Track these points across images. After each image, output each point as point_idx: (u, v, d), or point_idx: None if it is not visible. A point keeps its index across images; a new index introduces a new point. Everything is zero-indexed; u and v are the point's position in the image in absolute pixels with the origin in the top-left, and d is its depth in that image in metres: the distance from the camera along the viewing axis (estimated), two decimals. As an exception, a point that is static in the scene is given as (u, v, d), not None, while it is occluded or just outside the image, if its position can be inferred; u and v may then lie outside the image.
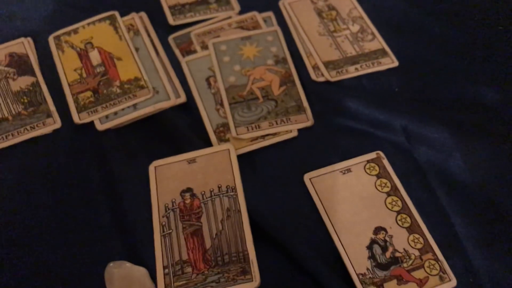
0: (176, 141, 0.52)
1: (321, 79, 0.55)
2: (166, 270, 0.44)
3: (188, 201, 0.47)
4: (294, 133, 0.52)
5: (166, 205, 0.47)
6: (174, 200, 0.47)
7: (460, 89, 0.55)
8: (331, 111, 0.53)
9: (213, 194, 0.47)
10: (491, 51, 0.58)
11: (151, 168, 0.49)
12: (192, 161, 0.49)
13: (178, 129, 0.52)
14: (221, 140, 0.51)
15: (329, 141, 0.51)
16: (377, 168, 0.49)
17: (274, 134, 0.51)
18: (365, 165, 0.49)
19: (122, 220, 0.48)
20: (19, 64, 0.57)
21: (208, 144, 0.51)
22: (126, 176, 0.50)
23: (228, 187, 0.48)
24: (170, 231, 0.46)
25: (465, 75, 0.56)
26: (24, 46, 0.59)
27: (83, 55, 0.57)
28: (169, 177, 0.49)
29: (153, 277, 0.44)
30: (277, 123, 0.52)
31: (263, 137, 0.51)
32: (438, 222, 0.46)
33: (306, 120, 0.52)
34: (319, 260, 0.44)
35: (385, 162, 0.49)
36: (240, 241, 0.45)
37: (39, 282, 0.45)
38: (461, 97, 0.54)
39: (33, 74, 0.57)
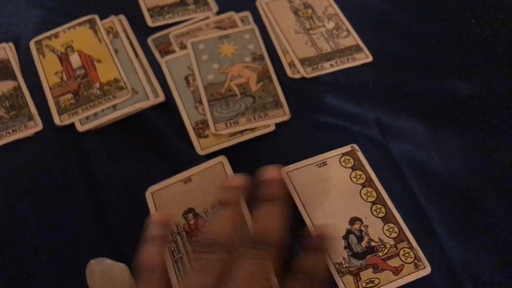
0: (155, 139, 0.53)
1: (297, 75, 0.56)
2: None
3: (192, 222, 0.47)
4: (272, 128, 0.53)
5: (171, 229, 0.47)
6: (178, 223, 0.47)
7: (433, 83, 0.56)
8: (307, 107, 0.54)
9: (215, 211, 0.48)
10: (464, 46, 0.59)
11: (148, 194, 0.49)
12: (187, 180, 0.49)
13: (158, 128, 0.53)
14: (201, 136, 0.52)
15: (305, 135, 0.52)
16: (352, 160, 0.50)
17: (253, 129, 0.53)
18: (340, 157, 0.51)
19: (104, 219, 0.48)
20: (1, 69, 0.58)
21: (188, 141, 0.52)
22: (108, 175, 0.51)
23: None
24: (181, 255, 0.46)
25: (438, 69, 0.57)
26: (6, 51, 0.59)
27: (63, 59, 0.58)
28: (167, 201, 0.48)
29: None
30: (255, 118, 0.53)
31: (241, 132, 0.52)
32: (413, 212, 0.47)
33: (283, 114, 0.53)
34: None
35: (360, 154, 0.51)
36: None
37: (21, 281, 0.45)
38: (434, 90, 0.55)
39: (14, 78, 0.57)
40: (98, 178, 0.51)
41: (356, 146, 0.51)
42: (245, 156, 0.52)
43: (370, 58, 0.57)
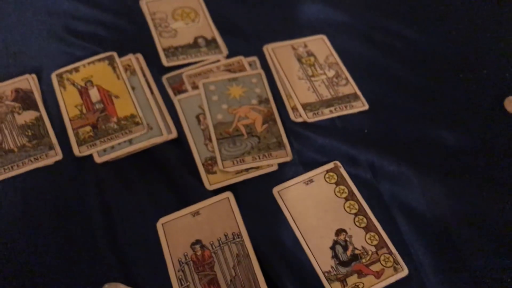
0: (168, 173, 0.57)
1: (299, 119, 0.62)
2: None
3: (199, 253, 0.51)
4: (275, 167, 0.58)
5: (179, 259, 0.51)
6: (186, 253, 0.51)
7: (423, 132, 0.61)
8: (307, 148, 0.59)
9: (221, 243, 0.52)
10: (452, 98, 0.65)
11: (159, 225, 0.53)
12: (196, 213, 0.53)
13: (170, 162, 0.58)
14: (209, 172, 0.57)
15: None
16: (335, 176, 0.57)
17: (257, 168, 0.57)
18: (325, 174, 0.57)
19: (118, 246, 0.52)
20: (24, 99, 0.62)
21: (197, 176, 0.57)
22: (122, 204, 0.55)
23: (234, 234, 0.52)
24: (188, 283, 0.50)
25: (428, 119, 0.62)
26: (29, 82, 0.64)
27: (83, 92, 0.63)
28: (177, 231, 0.52)
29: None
30: (259, 158, 0.58)
31: (247, 170, 0.57)
32: (399, 250, 0.52)
33: (285, 155, 0.58)
34: (289, 265, 0.51)
35: (342, 170, 0.57)
36: (254, 284, 0.49)
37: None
38: (424, 139, 0.60)
39: (36, 109, 0.62)
40: (113, 207, 0.55)
41: (338, 163, 0.57)
42: (250, 193, 0.56)
43: (366, 107, 0.63)
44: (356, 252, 0.52)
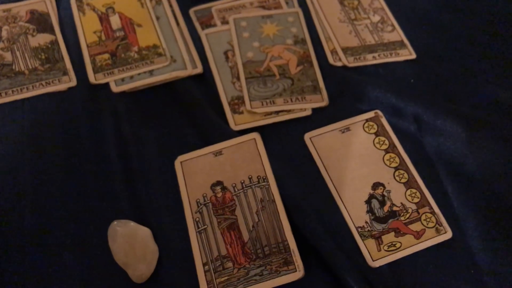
0: (189, 110, 0.52)
1: (339, 63, 0.56)
2: (206, 267, 0.43)
3: (219, 195, 0.47)
4: (308, 112, 0.52)
5: (198, 200, 0.46)
6: (205, 194, 0.47)
7: (475, 87, 0.55)
8: (346, 94, 0.53)
9: (244, 186, 0.47)
10: (508, 55, 0.58)
11: (177, 163, 0.48)
12: (218, 153, 0.49)
13: (193, 98, 0.52)
14: (235, 112, 0.52)
15: (341, 123, 0.52)
16: (375, 126, 0.51)
17: (288, 111, 0.52)
18: (364, 123, 0.51)
19: (131, 181, 0.48)
20: (40, 22, 0.57)
21: (222, 115, 0.51)
22: (138, 138, 0.50)
23: (259, 177, 0.47)
24: (205, 226, 0.45)
25: (481, 74, 0.56)
26: (46, 4, 0.59)
27: (103, 19, 0.58)
28: (196, 171, 0.48)
29: (194, 274, 0.43)
30: (292, 101, 0.52)
31: (277, 112, 0.52)
32: (443, 211, 0.47)
33: (321, 100, 0.52)
34: (319, 217, 0.45)
35: (383, 120, 0.51)
36: (279, 231, 0.44)
37: (44, 236, 0.45)
38: (475, 95, 0.54)
39: (52, 32, 0.57)
40: (128, 140, 0.50)
41: (379, 112, 0.51)
42: (278, 137, 0.51)
43: (413, 56, 0.56)
44: (394, 208, 0.46)
